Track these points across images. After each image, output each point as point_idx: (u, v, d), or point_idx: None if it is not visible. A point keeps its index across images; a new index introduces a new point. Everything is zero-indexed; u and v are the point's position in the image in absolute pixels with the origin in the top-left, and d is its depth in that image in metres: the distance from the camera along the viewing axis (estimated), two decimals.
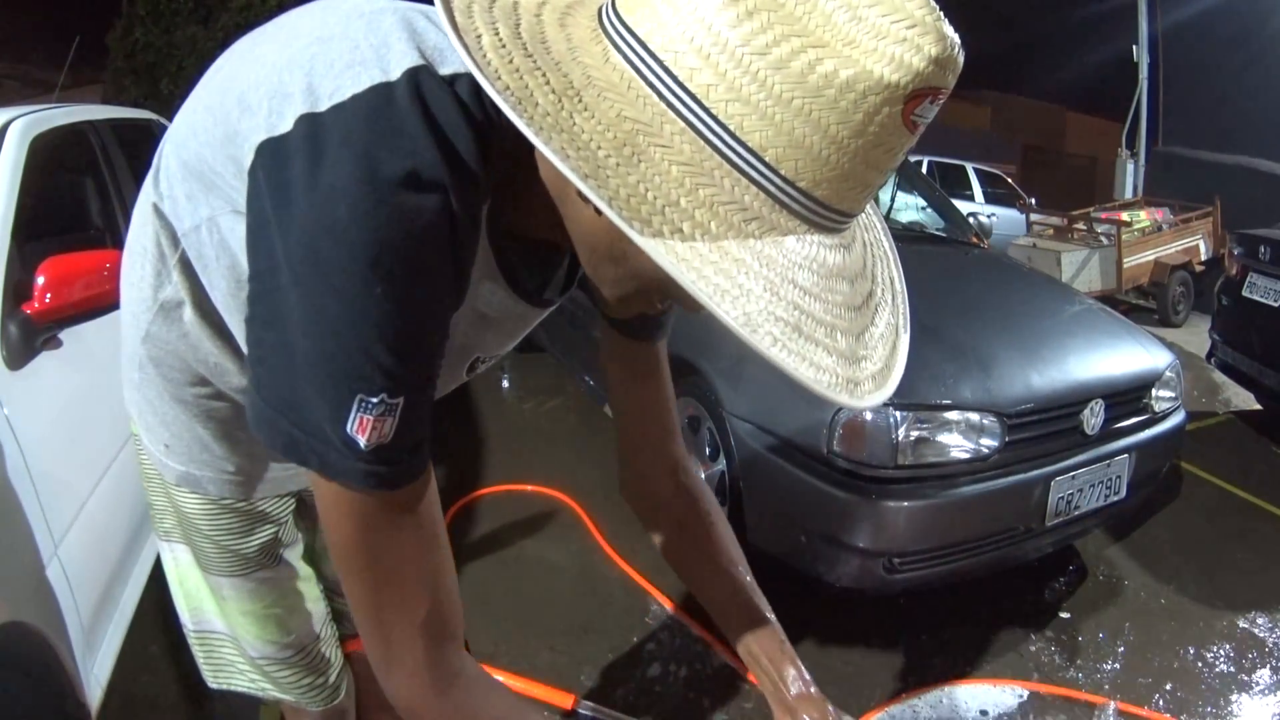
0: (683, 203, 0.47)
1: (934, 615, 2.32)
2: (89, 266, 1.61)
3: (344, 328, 0.50)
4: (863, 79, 0.45)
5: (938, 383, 2.01)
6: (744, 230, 0.48)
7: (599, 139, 0.47)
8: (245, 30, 0.71)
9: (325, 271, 0.50)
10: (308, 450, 0.53)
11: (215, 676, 1.00)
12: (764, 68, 0.45)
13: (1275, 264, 3.95)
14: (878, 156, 0.48)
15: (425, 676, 0.60)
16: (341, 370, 0.51)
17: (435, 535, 0.61)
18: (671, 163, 0.47)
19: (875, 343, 0.54)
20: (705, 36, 0.45)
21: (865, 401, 0.52)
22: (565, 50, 0.50)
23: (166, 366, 0.78)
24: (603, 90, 0.48)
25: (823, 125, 0.46)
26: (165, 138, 0.73)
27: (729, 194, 0.48)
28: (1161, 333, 3.92)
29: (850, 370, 0.51)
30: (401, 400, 0.53)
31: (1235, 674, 2.17)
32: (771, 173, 0.47)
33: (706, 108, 0.46)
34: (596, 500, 2.77)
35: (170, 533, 0.94)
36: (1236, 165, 10.14)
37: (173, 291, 0.73)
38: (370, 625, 0.60)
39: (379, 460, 0.53)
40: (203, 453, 0.83)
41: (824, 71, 0.45)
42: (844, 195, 0.50)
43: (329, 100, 0.53)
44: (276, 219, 0.52)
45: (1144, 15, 10.51)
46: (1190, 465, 3.49)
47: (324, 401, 0.52)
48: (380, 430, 0.52)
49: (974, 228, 3.83)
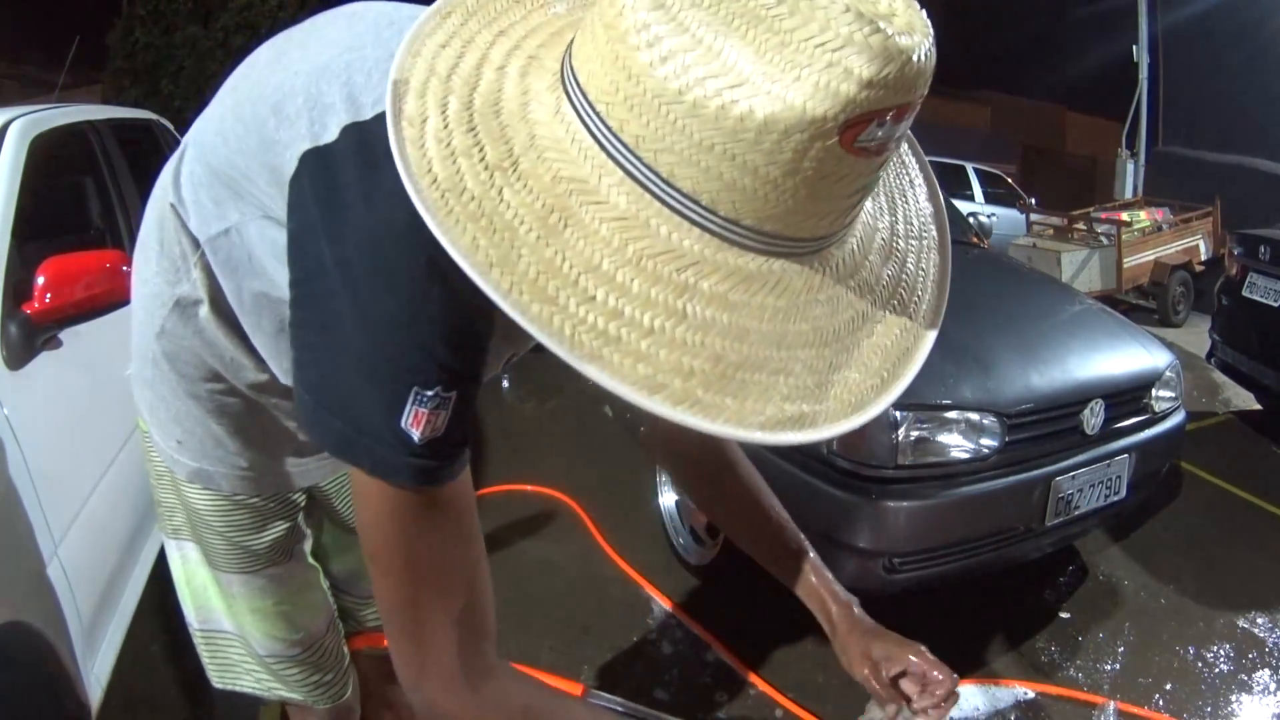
0: (605, 265, 0.46)
1: (934, 615, 2.32)
2: (89, 266, 1.61)
3: (403, 325, 0.52)
4: (783, 115, 0.41)
5: (938, 383, 2.01)
6: (676, 282, 0.46)
7: (524, 212, 0.46)
8: (245, 30, 0.71)
9: (386, 273, 0.51)
10: (360, 449, 0.54)
11: (221, 676, 1.01)
12: (680, 115, 0.43)
13: (1275, 264, 3.95)
14: (827, 188, 0.45)
15: (460, 676, 0.60)
16: (399, 365, 0.52)
17: (473, 532, 0.61)
18: (602, 220, 0.46)
19: (871, 356, 0.52)
20: (628, 84, 0.44)
21: (822, 433, 0.49)
22: (517, 108, 0.49)
23: (181, 362, 0.78)
24: (543, 151, 0.47)
25: (750, 167, 0.43)
26: (188, 140, 0.73)
27: (665, 242, 0.46)
28: (1161, 333, 3.93)
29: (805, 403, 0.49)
30: (454, 394, 0.54)
31: (1235, 674, 2.17)
32: (709, 213, 0.45)
33: (639, 156, 0.45)
34: (596, 500, 2.77)
35: (178, 531, 0.94)
36: (1236, 165, 10.13)
37: (190, 289, 0.74)
38: (404, 624, 0.60)
39: (430, 455, 0.54)
40: (216, 448, 0.83)
41: (738, 113, 0.41)
42: (802, 226, 0.47)
43: (373, 109, 0.54)
44: (326, 225, 0.53)
45: (1144, 15, 10.51)
46: (1190, 465, 3.49)
47: (379, 397, 0.53)
48: (434, 424, 0.53)
49: (974, 228, 3.83)
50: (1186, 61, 11.83)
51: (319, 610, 1.00)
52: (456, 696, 0.60)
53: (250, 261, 0.68)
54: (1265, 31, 10.96)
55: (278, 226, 0.63)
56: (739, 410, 0.47)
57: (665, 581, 2.34)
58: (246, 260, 0.68)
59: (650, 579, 2.36)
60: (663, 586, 2.32)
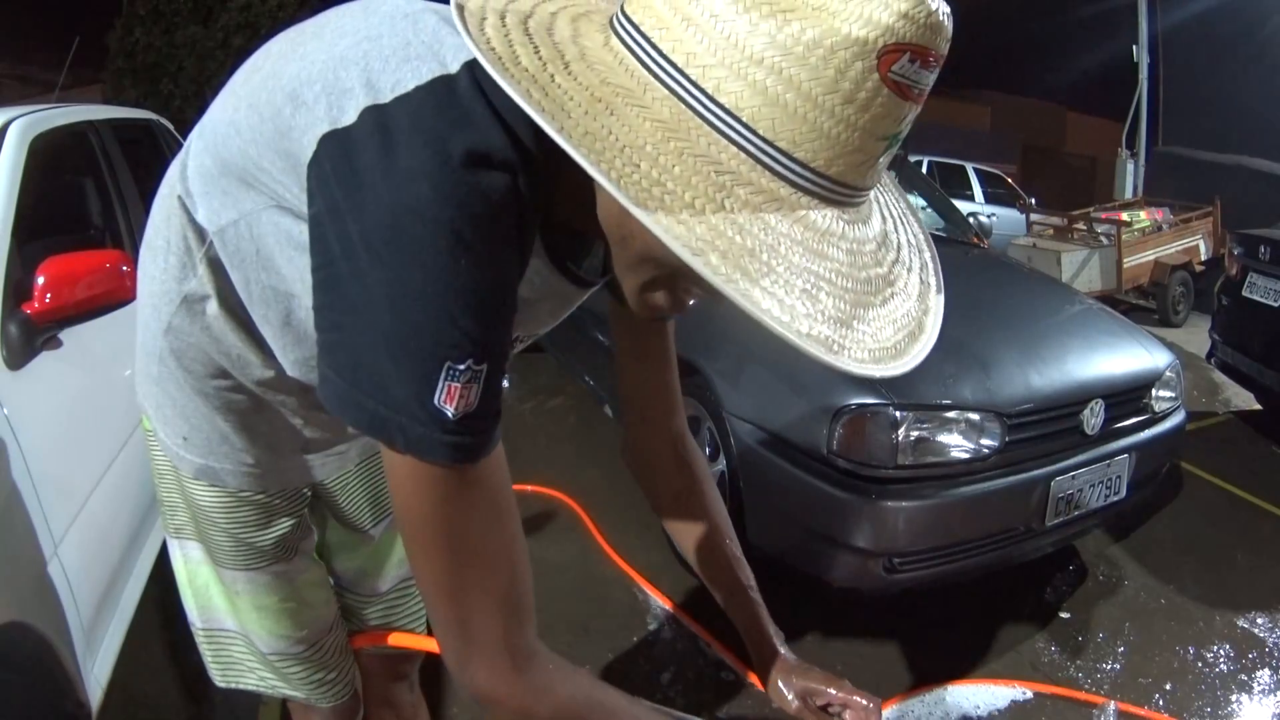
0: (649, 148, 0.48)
1: (934, 615, 2.32)
2: (89, 266, 1.61)
3: (432, 299, 0.52)
4: (829, 35, 0.46)
5: (938, 383, 2.01)
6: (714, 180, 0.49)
7: (574, 93, 0.49)
8: (245, 30, 0.71)
9: (411, 248, 0.52)
10: (394, 427, 0.54)
11: (224, 675, 1.01)
12: (738, 30, 0.47)
13: (1275, 264, 3.95)
14: (864, 120, 0.49)
15: (506, 658, 0.60)
16: (430, 340, 0.53)
17: (510, 509, 0.61)
18: (646, 119, 0.49)
19: (883, 324, 0.54)
20: (691, 8, 0.49)
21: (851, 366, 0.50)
22: (568, 36, 0.53)
23: (188, 359, 0.78)
24: (593, 63, 0.51)
25: (795, 82, 0.47)
26: (195, 133, 0.73)
27: (703, 149, 0.49)
28: (1161, 333, 3.93)
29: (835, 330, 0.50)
30: (485, 367, 0.54)
31: (1235, 674, 2.17)
32: (748, 130, 0.48)
33: (686, 74, 0.49)
34: (596, 500, 2.77)
35: (181, 529, 0.94)
36: (1236, 165, 10.14)
37: (198, 285, 0.73)
38: (446, 607, 0.60)
39: (464, 430, 0.54)
40: (222, 445, 0.83)
41: (792, 30, 0.47)
42: (833, 158, 0.50)
43: (392, 92, 0.55)
44: (349, 205, 0.54)
45: (1144, 15, 10.51)
46: (1190, 465, 3.49)
47: (412, 374, 0.53)
48: (467, 398, 0.54)
49: (974, 228, 3.83)
50: (1186, 61, 11.83)
51: (323, 608, 1.00)
52: (504, 679, 0.60)
53: (259, 254, 0.68)
54: (1265, 31, 10.96)
55: (291, 216, 0.64)
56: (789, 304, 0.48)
57: (665, 581, 2.34)
58: (254, 253, 0.68)
59: (650, 579, 2.36)
60: (663, 586, 2.32)
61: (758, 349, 2.23)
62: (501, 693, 0.61)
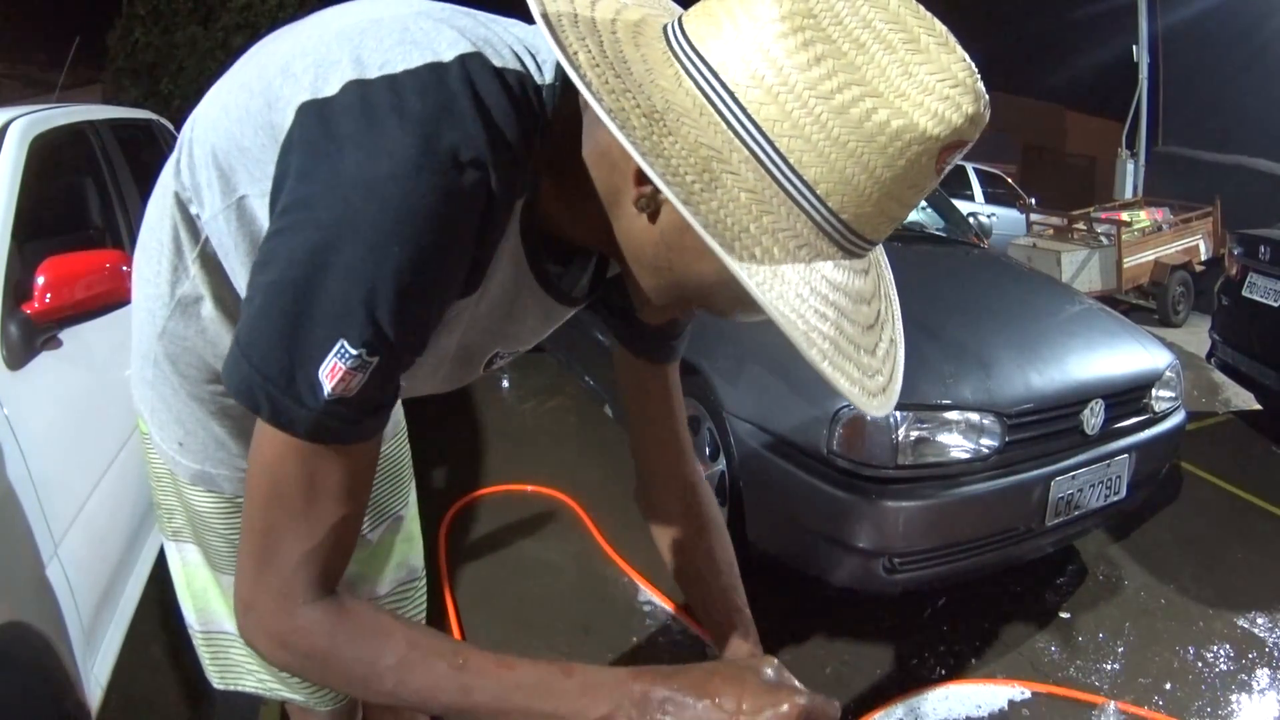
0: (752, 229, 0.51)
1: (934, 615, 2.32)
2: (89, 266, 1.61)
3: (352, 273, 0.51)
4: (909, 130, 0.49)
5: (938, 383, 2.01)
6: (797, 256, 0.52)
7: (683, 164, 0.50)
8: (245, 30, 0.71)
9: (352, 219, 0.51)
10: (261, 394, 0.54)
11: (222, 677, 1.00)
12: (826, 111, 0.49)
13: (1275, 264, 3.94)
14: (907, 194, 0.53)
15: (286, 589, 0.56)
16: (335, 311, 0.52)
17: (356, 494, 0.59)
18: (740, 189, 0.51)
19: (881, 360, 0.59)
20: (773, 75, 0.49)
21: (880, 410, 0.57)
22: (643, 72, 0.53)
23: (183, 364, 0.78)
24: (680, 115, 0.51)
25: (870, 167, 0.50)
26: (189, 125, 0.72)
27: (786, 221, 0.52)
28: (1161, 333, 3.92)
29: (870, 383, 0.56)
30: (377, 360, 0.53)
31: (1235, 674, 2.17)
32: (820, 204, 0.51)
33: (771, 140, 0.50)
34: (596, 500, 2.77)
35: (179, 533, 0.94)
36: (1236, 165, 10.13)
37: (191, 287, 0.73)
38: (252, 541, 0.57)
39: (332, 414, 0.54)
40: (218, 450, 0.83)
41: (879, 120, 0.49)
42: (875, 226, 0.54)
43: (379, 70, 0.55)
44: (308, 169, 0.53)
45: (1144, 15, 10.50)
46: (1190, 465, 3.49)
47: (300, 338, 0.52)
48: (347, 383, 0.53)
49: (974, 228, 3.83)
50: (1186, 61, 11.82)
51: None
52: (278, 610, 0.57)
53: (248, 242, 0.67)
54: (1265, 32, 10.95)
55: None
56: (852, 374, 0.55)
57: (665, 581, 2.33)
58: (246, 241, 0.67)
59: (650, 579, 2.36)
60: (663, 586, 2.32)
61: (757, 349, 2.23)
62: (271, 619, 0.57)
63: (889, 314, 0.62)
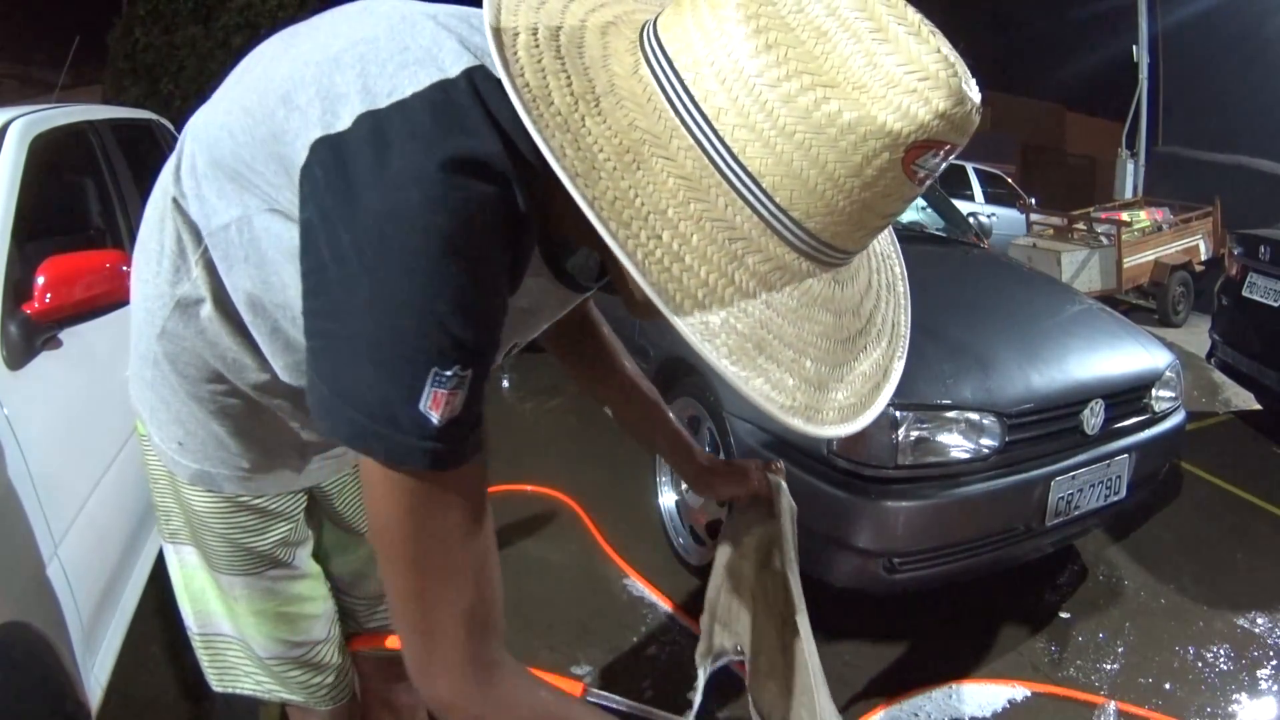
0: (670, 213, 0.49)
1: (934, 615, 2.32)
2: (89, 266, 1.61)
3: (420, 305, 0.52)
4: (865, 123, 0.46)
5: (938, 383, 2.01)
6: (726, 248, 0.50)
7: (603, 142, 0.49)
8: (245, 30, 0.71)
9: (401, 255, 0.51)
10: (373, 437, 0.54)
11: (221, 680, 1.00)
12: (773, 99, 0.47)
13: (1275, 264, 3.94)
14: (875, 200, 0.50)
15: (468, 670, 0.60)
16: (417, 346, 0.52)
17: (483, 520, 0.61)
18: (670, 174, 0.49)
19: (855, 378, 0.57)
20: (726, 62, 0.48)
21: (824, 430, 0.54)
22: (598, 56, 0.52)
23: (183, 364, 0.77)
24: (622, 99, 0.51)
25: (820, 161, 0.48)
26: (188, 134, 0.72)
27: (720, 212, 0.50)
28: (1161, 333, 3.92)
29: (812, 396, 0.54)
30: (471, 372, 0.54)
31: (1235, 674, 2.17)
32: (766, 198, 0.49)
33: (715, 129, 0.49)
34: (596, 500, 2.77)
35: (177, 534, 0.93)
36: (1236, 165, 10.12)
37: (191, 288, 0.73)
38: (411, 616, 0.59)
39: (446, 437, 0.54)
40: (218, 450, 0.83)
41: (828, 110, 0.47)
42: (838, 232, 0.51)
43: (388, 98, 0.55)
44: (340, 212, 0.54)
45: (1144, 15, 10.50)
46: (1190, 465, 3.49)
47: (398, 380, 0.53)
48: (452, 404, 0.54)
49: (974, 228, 3.83)
50: (1186, 61, 11.82)
51: (321, 612, 1.00)
52: (463, 690, 0.60)
53: (247, 259, 0.67)
54: (1265, 31, 10.95)
55: (284, 220, 0.63)
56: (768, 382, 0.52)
57: (665, 581, 2.34)
58: (244, 258, 0.67)
59: (650, 579, 2.36)
60: (663, 586, 2.32)
61: None
62: (460, 703, 0.61)
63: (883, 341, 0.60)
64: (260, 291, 0.68)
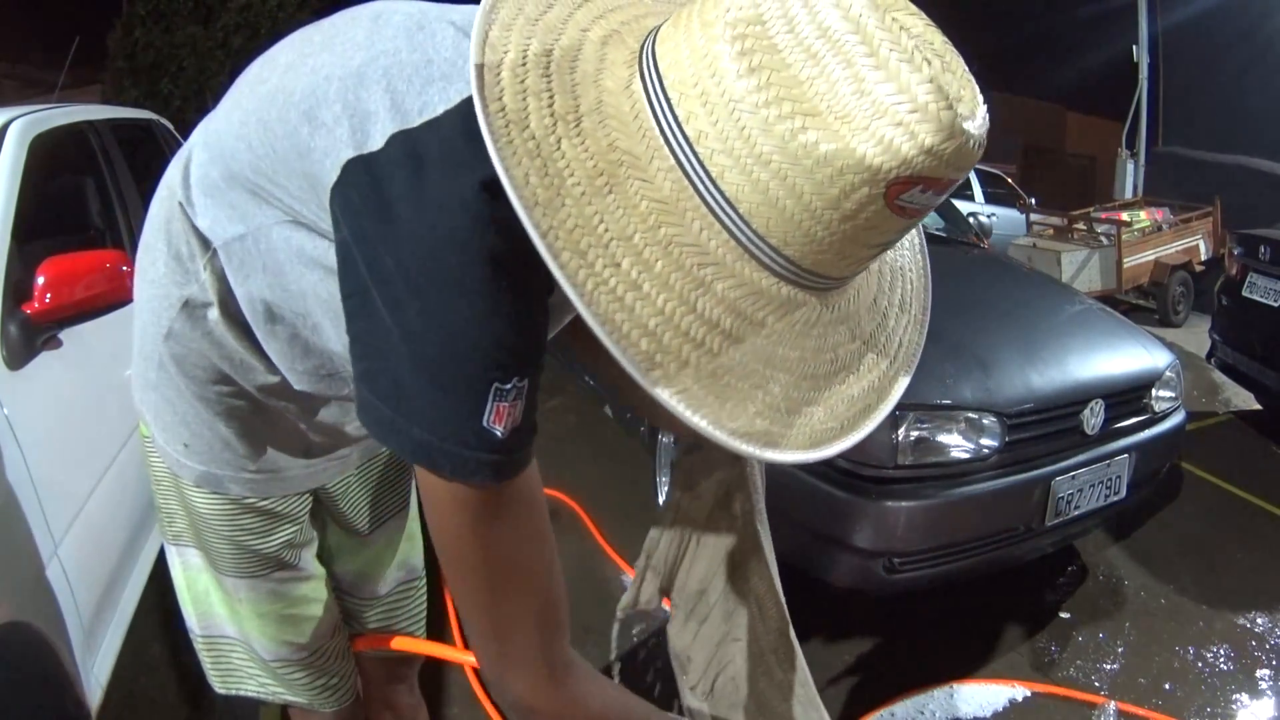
0: (636, 238, 0.48)
1: (934, 615, 2.32)
2: (89, 266, 1.61)
3: (477, 326, 0.52)
4: (843, 155, 0.44)
5: (938, 383, 2.01)
6: (694, 275, 0.49)
7: (576, 165, 0.48)
8: (245, 30, 0.71)
9: (453, 279, 0.51)
10: (441, 455, 0.54)
11: (224, 682, 1.00)
12: (752, 125, 0.46)
13: (1275, 264, 3.94)
14: (857, 233, 0.48)
15: (544, 670, 0.61)
16: (478, 365, 0.52)
17: (545, 523, 0.62)
18: (644, 197, 0.48)
19: (838, 401, 0.55)
20: (710, 83, 0.47)
21: (784, 457, 0.52)
22: (591, 71, 0.51)
23: (189, 365, 0.77)
24: (606, 117, 0.50)
25: (797, 191, 0.46)
26: (198, 140, 0.71)
27: (693, 236, 0.49)
28: (1161, 333, 3.92)
29: (776, 422, 0.52)
30: (528, 383, 0.55)
31: (1235, 674, 2.17)
32: (743, 223, 0.48)
33: (696, 152, 0.47)
34: (596, 500, 2.77)
35: (180, 536, 0.93)
36: (1236, 165, 10.12)
37: (199, 291, 0.72)
38: (484, 622, 0.60)
39: (509, 448, 0.54)
40: (224, 451, 0.82)
41: (805, 141, 0.45)
42: (821, 260, 0.50)
43: (420, 116, 0.54)
44: (380, 234, 0.53)
45: (1144, 15, 10.50)
46: (1190, 465, 3.49)
47: (461, 399, 0.53)
48: (514, 415, 0.54)
49: (974, 228, 3.83)
50: (1186, 61, 11.82)
51: (325, 613, 1.00)
52: (541, 691, 0.61)
53: (266, 268, 0.67)
54: (1265, 31, 10.95)
55: (305, 231, 0.63)
56: (717, 411, 0.50)
57: None
58: (262, 267, 0.67)
59: None
60: None
61: None
62: (539, 704, 0.62)
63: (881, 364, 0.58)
64: (280, 300, 0.68)
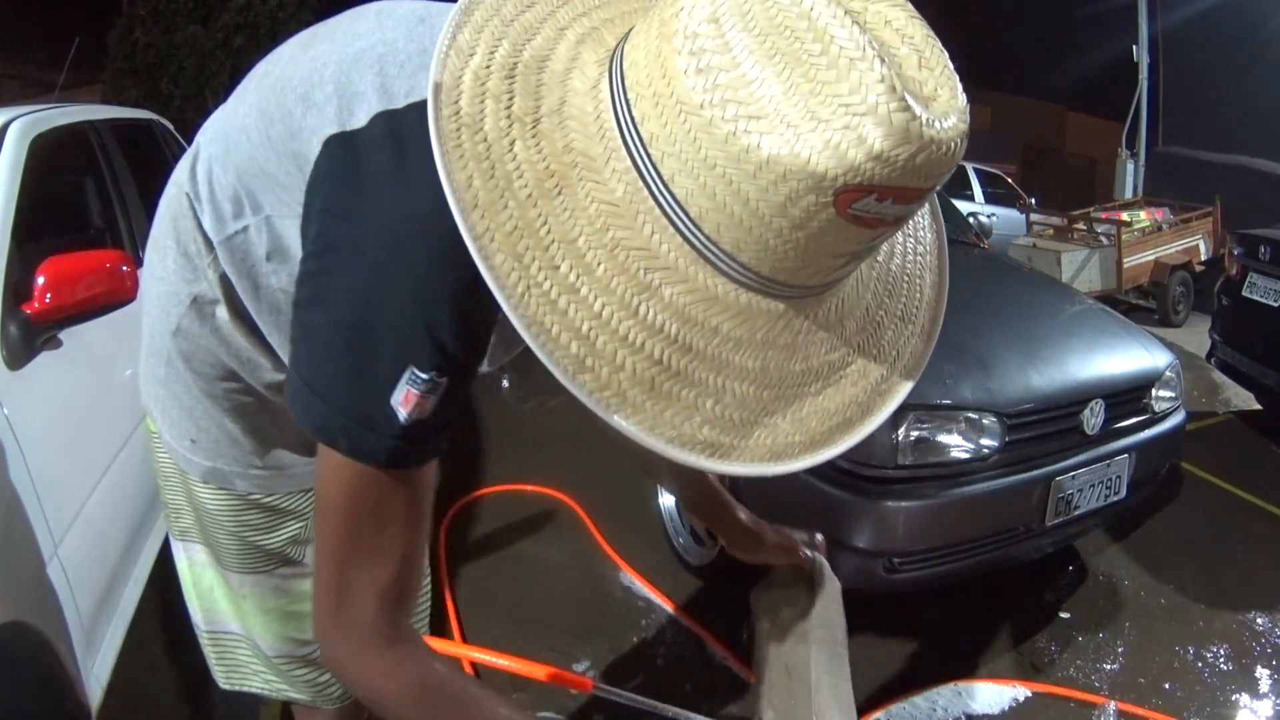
0: (580, 242, 0.47)
1: (934, 615, 2.32)
2: (89, 266, 1.60)
3: (413, 303, 0.52)
4: (786, 160, 0.41)
5: (938, 383, 2.01)
6: (640, 280, 0.47)
7: (526, 168, 0.47)
8: (245, 30, 0.71)
9: (406, 255, 0.51)
10: (338, 429, 0.54)
11: (228, 677, 1.00)
12: (697, 127, 0.44)
13: (1275, 264, 3.94)
14: (811, 241, 0.45)
15: (368, 635, 0.60)
16: (400, 341, 0.52)
17: (422, 515, 0.62)
18: (594, 200, 0.47)
19: (809, 415, 0.53)
20: (661, 84, 0.45)
21: (734, 468, 0.50)
22: (561, 71, 0.51)
23: (197, 361, 0.78)
24: (567, 118, 0.49)
25: (743, 196, 0.44)
26: (205, 137, 0.72)
27: (644, 240, 0.47)
28: (1161, 333, 3.92)
29: (723, 433, 0.50)
30: (446, 381, 0.54)
31: (1235, 674, 2.17)
32: (695, 226, 0.46)
33: (649, 153, 0.46)
34: (596, 500, 2.76)
35: (187, 531, 0.93)
36: (1236, 165, 10.13)
37: (208, 289, 0.73)
38: (330, 575, 0.60)
39: (409, 437, 0.54)
40: (231, 447, 0.83)
41: (746, 144, 0.42)
42: (781, 268, 0.47)
43: (405, 99, 0.55)
44: (344, 206, 0.54)
45: (1144, 15, 10.51)
46: (1190, 465, 3.49)
47: (372, 372, 0.53)
48: (422, 406, 0.54)
49: (974, 228, 3.83)
50: (1186, 61, 11.82)
51: None
52: (360, 651, 0.61)
53: (268, 260, 0.67)
54: (1265, 32, 10.95)
55: (295, 223, 0.63)
56: (655, 417, 0.48)
57: (665, 581, 2.33)
58: (263, 258, 0.68)
59: (650, 579, 2.36)
60: (663, 586, 2.32)
61: None
62: (354, 661, 0.61)
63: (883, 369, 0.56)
64: (282, 288, 0.69)
